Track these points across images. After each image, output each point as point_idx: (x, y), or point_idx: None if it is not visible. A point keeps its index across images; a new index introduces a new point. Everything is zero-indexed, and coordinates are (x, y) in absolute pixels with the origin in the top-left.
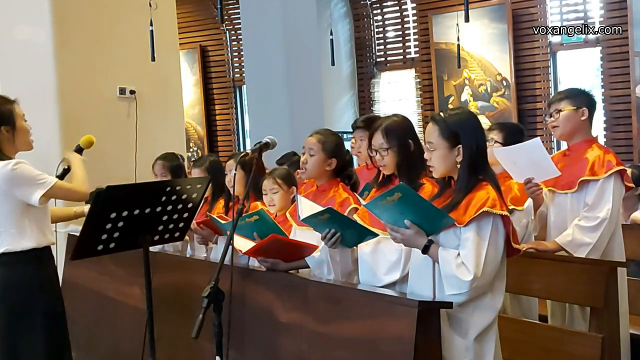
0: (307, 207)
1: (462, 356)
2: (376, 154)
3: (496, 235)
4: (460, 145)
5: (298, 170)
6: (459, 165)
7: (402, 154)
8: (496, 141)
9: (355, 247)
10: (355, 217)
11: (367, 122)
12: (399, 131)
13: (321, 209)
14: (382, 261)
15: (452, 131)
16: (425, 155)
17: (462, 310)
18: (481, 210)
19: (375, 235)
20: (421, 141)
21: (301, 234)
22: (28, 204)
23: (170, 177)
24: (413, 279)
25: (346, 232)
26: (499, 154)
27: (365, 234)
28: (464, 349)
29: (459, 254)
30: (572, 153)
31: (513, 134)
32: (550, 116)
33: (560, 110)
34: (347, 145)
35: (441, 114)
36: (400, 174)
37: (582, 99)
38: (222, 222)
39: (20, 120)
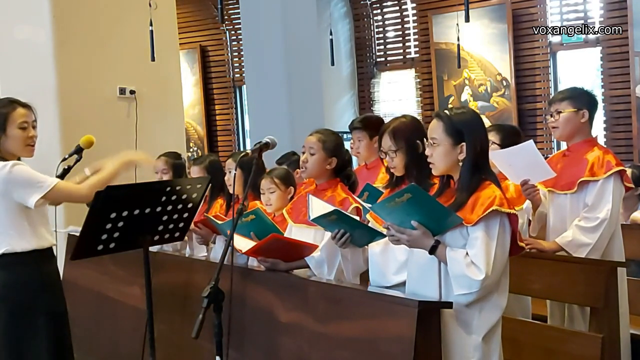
0: (318, 207)
1: (470, 355)
2: (385, 155)
3: (503, 234)
4: (463, 143)
5: (298, 170)
6: (460, 164)
7: (410, 155)
8: (493, 142)
9: (366, 247)
10: (368, 217)
11: (364, 122)
12: (407, 133)
13: (332, 208)
14: (391, 261)
15: (457, 129)
16: (427, 152)
17: (470, 309)
18: (490, 209)
19: (384, 235)
20: None
21: (297, 232)
22: (26, 206)
23: (172, 174)
24: (415, 279)
25: (355, 232)
26: (494, 157)
27: (374, 235)
28: (472, 348)
29: (467, 254)
30: (572, 153)
31: (510, 136)
32: (551, 116)
33: (560, 112)
34: (347, 145)
35: (446, 111)
36: (409, 175)
37: (583, 100)
38: (219, 222)
39: (12, 128)
